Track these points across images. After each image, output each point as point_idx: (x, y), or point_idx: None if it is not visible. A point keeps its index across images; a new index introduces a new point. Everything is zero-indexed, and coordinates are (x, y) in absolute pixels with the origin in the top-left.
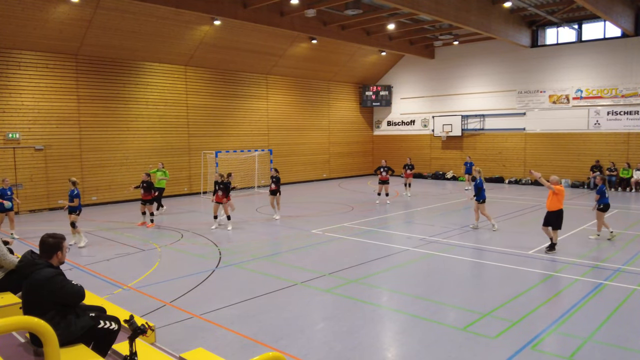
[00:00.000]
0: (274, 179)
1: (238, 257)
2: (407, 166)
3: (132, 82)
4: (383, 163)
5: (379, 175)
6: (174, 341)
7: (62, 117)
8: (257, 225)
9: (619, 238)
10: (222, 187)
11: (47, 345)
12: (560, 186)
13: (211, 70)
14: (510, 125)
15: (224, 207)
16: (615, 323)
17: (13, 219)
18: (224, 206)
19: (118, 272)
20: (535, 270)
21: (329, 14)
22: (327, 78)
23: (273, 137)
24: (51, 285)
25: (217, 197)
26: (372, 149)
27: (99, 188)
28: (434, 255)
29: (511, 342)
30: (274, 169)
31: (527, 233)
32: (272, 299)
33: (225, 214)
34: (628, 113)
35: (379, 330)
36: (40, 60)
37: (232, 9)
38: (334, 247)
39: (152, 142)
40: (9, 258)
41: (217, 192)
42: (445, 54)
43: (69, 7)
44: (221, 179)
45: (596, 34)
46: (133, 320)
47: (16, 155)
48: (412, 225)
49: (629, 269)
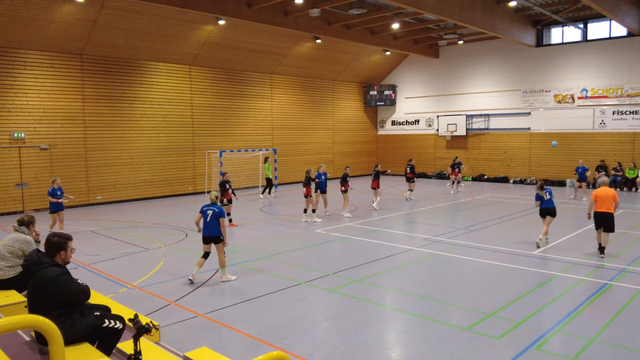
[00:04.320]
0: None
1: (242, 257)
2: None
3: (137, 82)
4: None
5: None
6: (179, 340)
7: (67, 117)
8: (261, 224)
9: (624, 238)
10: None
11: (52, 344)
12: (596, 190)
13: (216, 70)
14: (515, 124)
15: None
16: (620, 323)
17: (62, 219)
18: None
19: (123, 271)
20: (540, 270)
21: (333, 14)
22: (332, 77)
23: (277, 137)
24: (56, 284)
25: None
26: (377, 149)
27: (104, 187)
28: (438, 255)
29: (516, 343)
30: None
31: (532, 233)
32: (276, 299)
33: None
34: (634, 113)
35: (383, 330)
36: (45, 60)
37: (236, 9)
38: (337, 246)
39: (156, 142)
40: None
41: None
42: (450, 54)
43: (74, 7)
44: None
45: (602, 33)
46: (138, 319)
47: (21, 155)
48: (416, 225)
49: (634, 269)
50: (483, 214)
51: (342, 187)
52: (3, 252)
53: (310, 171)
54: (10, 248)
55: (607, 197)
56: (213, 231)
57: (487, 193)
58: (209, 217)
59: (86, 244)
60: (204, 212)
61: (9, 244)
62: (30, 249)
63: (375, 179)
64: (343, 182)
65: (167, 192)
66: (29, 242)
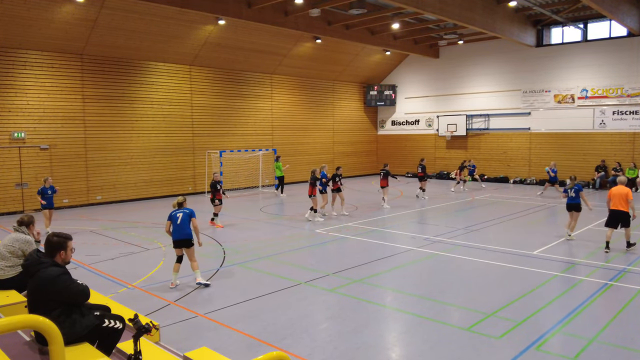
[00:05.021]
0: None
1: (242, 257)
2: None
3: (137, 82)
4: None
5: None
6: (179, 340)
7: (67, 117)
8: (261, 224)
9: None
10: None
11: (52, 344)
12: (611, 189)
13: (216, 70)
14: (515, 125)
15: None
16: (620, 323)
17: (50, 217)
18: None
19: (123, 271)
20: (540, 270)
21: (333, 14)
22: (332, 77)
23: (277, 137)
24: (56, 284)
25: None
26: (377, 149)
27: (104, 187)
28: (438, 255)
29: (516, 343)
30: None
31: (532, 233)
32: (276, 299)
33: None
34: (634, 113)
35: (383, 330)
36: (45, 60)
37: (236, 9)
38: (337, 246)
39: (156, 142)
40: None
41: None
42: (450, 54)
43: (74, 7)
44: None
45: (602, 33)
46: (137, 319)
47: (22, 155)
48: (416, 225)
49: (634, 269)
50: (483, 214)
51: (332, 186)
52: (3, 252)
53: (316, 171)
54: (11, 248)
55: (620, 196)
56: (184, 234)
57: (487, 193)
58: (179, 220)
59: (86, 244)
60: (172, 217)
61: (9, 244)
62: (30, 248)
63: (384, 178)
64: (333, 181)
65: (167, 192)
66: (29, 242)
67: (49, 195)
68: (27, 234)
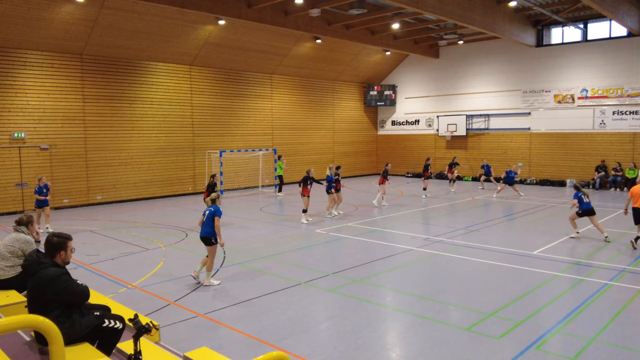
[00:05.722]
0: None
1: (242, 257)
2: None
3: (137, 82)
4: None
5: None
6: (179, 340)
7: (67, 117)
8: (261, 224)
9: (624, 238)
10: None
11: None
12: (633, 187)
13: (216, 70)
14: (515, 125)
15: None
16: (620, 323)
17: (49, 214)
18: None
19: (123, 271)
20: (540, 270)
21: (333, 14)
22: (332, 78)
23: (277, 137)
24: (56, 285)
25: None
26: (377, 149)
27: (104, 187)
28: (438, 255)
29: (516, 342)
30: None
31: (532, 233)
32: (276, 299)
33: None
34: (634, 113)
35: (383, 330)
36: (45, 60)
37: (236, 9)
38: (337, 246)
39: (156, 142)
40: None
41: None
42: (450, 54)
43: (74, 7)
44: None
45: (602, 33)
46: (137, 319)
47: (22, 155)
48: (416, 225)
49: (634, 269)
50: (483, 214)
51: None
52: (3, 252)
53: (311, 171)
54: (11, 248)
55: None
56: (205, 232)
57: (487, 193)
58: (205, 217)
59: (86, 244)
60: (203, 213)
61: (9, 244)
62: (30, 248)
63: (383, 176)
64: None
65: (167, 192)
66: (29, 241)
67: (44, 194)
68: (27, 234)
